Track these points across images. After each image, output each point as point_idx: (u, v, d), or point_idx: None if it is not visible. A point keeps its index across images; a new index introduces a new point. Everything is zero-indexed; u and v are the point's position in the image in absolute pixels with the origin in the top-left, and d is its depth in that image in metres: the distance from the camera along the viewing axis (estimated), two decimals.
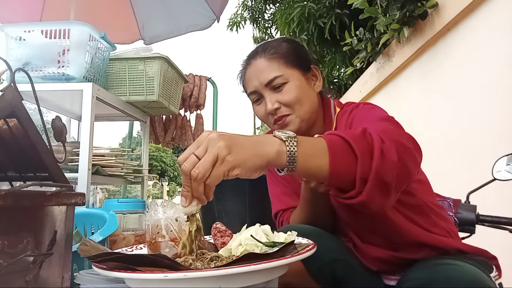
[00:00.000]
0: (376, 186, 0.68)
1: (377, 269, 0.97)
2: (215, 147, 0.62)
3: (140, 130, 2.92)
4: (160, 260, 0.58)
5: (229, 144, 0.63)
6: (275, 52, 1.03)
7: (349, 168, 0.68)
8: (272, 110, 1.00)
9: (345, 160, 0.69)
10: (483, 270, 0.81)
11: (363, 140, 0.70)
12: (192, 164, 0.62)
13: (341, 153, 0.69)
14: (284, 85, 1.00)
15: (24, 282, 0.59)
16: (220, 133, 0.64)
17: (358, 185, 0.68)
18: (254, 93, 1.04)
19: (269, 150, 0.66)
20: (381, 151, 0.68)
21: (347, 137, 0.70)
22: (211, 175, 0.62)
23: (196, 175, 0.61)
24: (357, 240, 0.98)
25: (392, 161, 0.69)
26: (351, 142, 0.69)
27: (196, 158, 0.62)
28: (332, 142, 0.70)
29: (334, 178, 0.69)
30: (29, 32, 1.92)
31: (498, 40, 1.68)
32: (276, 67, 1.01)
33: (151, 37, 3.51)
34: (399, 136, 0.76)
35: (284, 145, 0.67)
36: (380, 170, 0.68)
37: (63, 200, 0.66)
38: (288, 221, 1.06)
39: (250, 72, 1.05)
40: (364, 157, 0.68)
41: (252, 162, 0.64)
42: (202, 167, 0.61)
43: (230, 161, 0.62)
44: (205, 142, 0.63)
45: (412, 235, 0.91)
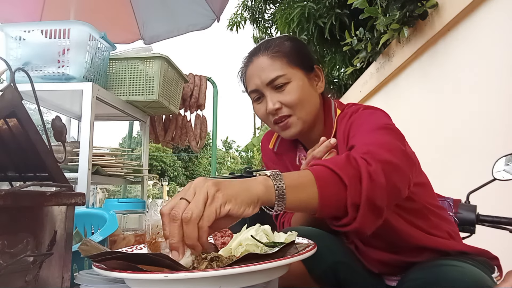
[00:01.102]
0: (368, 211, 0.67)
1: (379, 271, 0.97)
2: (203, 187, 0.60)
3: (140, 130, 2.92)
4: (161, 260, 0.58)
5: (216, 183, 0.61)
6: (278, 50, 1.01)
7: (339, 197, 0.67)
8: (273, 110, 0.99)
9: (334, 188, 0.67)
10: (485, 271, 0.81)
11: (349, 166, 0.69)
12: (183, 208, 0.58)
13: (329, 182, 0.67)
14: (286, 85, 0.99)
15: (24, 282, 0.59)
16: (205, 178, 0.62)
17: (351, 212, 0.67)
18: (255, 91, 1.03)
19: (257, 186, 0.64)
20: (369, 175, 0.68)
21: (332, 166, 0.68)
22: (204, 215, 0.58)
23: (190, 216, 0.57)
24: (359, 243, 0.98)
25: (381, 184, 0.68)
26: (337, 170, 0.68)
27: (185, 201, 0.59)
28: (318, 172, 0.68)
29: (324, 208, 0.68)
30: (29, 32, 1.92)
31: (498, 40, 1.68)
32: (279, 66, 0.99)
33: (151, 37, 3.51)
34: (390, 152, 0.74)
35: (270, 179, 0.65)
36: (371, 195, 0.67)
37: (63, 200, 0.66)
38: (289, 223, 1.05)
39: (251, 69, 1.03)
40: (353, 184, 0.67)
41: (242, 196, 0.62)
42: (195, 206, 0.58)
43: (220, 197, 0.59)
44: (191, 187, 0.61)
45: (413, 239, 0.90)
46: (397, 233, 0.90)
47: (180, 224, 0.58)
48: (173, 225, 0.58)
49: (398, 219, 0.90)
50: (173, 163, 31.44)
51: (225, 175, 2.25)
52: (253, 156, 19.04)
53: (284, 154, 1.13)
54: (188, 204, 0.59)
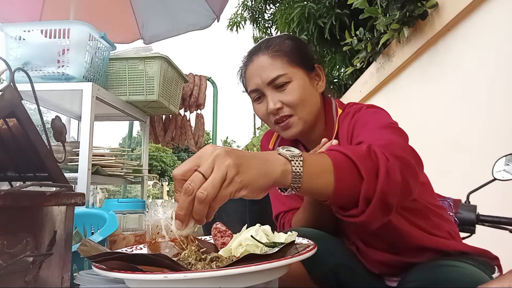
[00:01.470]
0: (379, 207, 0.67)
1: (380, 272, 0.97)
2: (223, 166, 0.56)
3: (140, 130, 2.92)
4: (161, 260, 0.58)
5: (237, 163, 0.58)
6: (278, 49, 1.00)
7: (354, 188, 0.67)
8: (274, 110, 0.98)
9: (350, 179, 0.66)
10: (485, 271, 0.81)
11: (369, 159, 0.68)
12: (199, 183, 0.56)
13: (346, 173, 0.66)
14: (287, 85, 0.98)
15: (24, 282, 0.59)
16: (226, 150, 0.59)
17: (361, 205, 0.67)
18: (255, 91, 1.02)
19: (274, 170, 0.62)
20: (386, 171, 0.67)
21: (352, 156, 0.67)
22: (218, 196, 0.56)
23: (205, 196, 0.55)
24: (360, 243, 0.98)
25: (397, 182, 0.67)
26: (357, 161, 0.67)
27: (202, 176, 0.56)
28: (337, 160, 0.67)
29: (337, 197, 0.67)
30: (28, 31, 1.92)
31: (498, 40, 1.68)
32: (280, 66, 0.98)
33: (151, 36, 3.51)
34: (403, 150, 0.74)
35: (290, 164, 0.63)
36: (385, 191, 0.66)
37: (62, 200, 0.66)
38: (290, 223, 1.05)
39: (251, 69, 1.02)
40: (370, 178, 0.66)
41: (259, 183, 0.60)
42: (211, 187, 0.55)
43: (238, 182, 0.57)
44: (211, 159, 0.57)
45: (414, 239, 0.90)
46: (398, 232, 0.90)
47: (192, 199, 0.56)
48: (185, 199, 0.56)
49: (399, 218, 0.90)
50: (173, 163, 31.43)
51: None
52: None
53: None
54: (204, 180, 0.56)
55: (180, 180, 0.58)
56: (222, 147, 0.60)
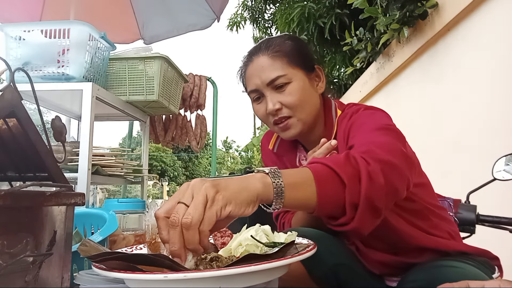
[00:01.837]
0: (366, 211, 0.67)
1: (380, 272, 0.97)
2: (201, 189, 0.57)
3: (140, 130, 2.92)
4: (160, 260, 0.58)
5: (215, 184, 0.59)
6: (278, 50, 1.00)
7: (338, 196, 0.67)
8: (273, 111, 0.98)
9: (333, 188, 0.67)
10: (485, 272, 0.81)
11: (348, 165, 0.68)
12: (182, 212, 0.56)
13: (328, 181, 0.67)
14: (287, 85, 0.98)
15: (24, 282, 0.59)
16: (200, 179, 0.60)
17: (349, 212, 0.67)
18: (255, 91, 1.02)
19: (255, 184, 0.63)
20: (368, 175, 0.67)
21: (332, 164, 0.68)
22: (204, 218, 0.56)
23: (190, 220, 0.55)
24: (360, 244, 0.97)
25: (380, 184, 0.67)
26: (336, 169, 0.67)
27: (184, 206, 0.56)
28: (317, 170, 0.67)
29: (322, 207, 0.67)
30: (29, 31, 1.92)
31: (498, 40, 1.68)
32: (279, 66, 0.98)
33: (151, 36, 3.51)
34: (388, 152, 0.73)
35: (268, 177, 0.64)
36: (369, 195, 0.66)
37: (62, 200, 0.66)
38: (290, 223, 1.05)
39: (251, 69, 1.02)
40: (352, 183, 0.66)
41: (242, 197, 0.60)
42: (194, 210, 0.55)
43: (220, 199, 0.58)
44: (189, 190, 0.58)
45: (414, 239, 0.90)
46: (397, 233, 0.90)
47: (180, 230, 0.56)
48: (173, 232, 0.56)
49: (398, 219, 0.90)
50: (173, 163, 31.44)
51: (225, 175, 2.25)
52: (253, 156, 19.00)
53: (284, 154, 1.13)
54: (187, 208, 0.56)
55: (163, 218, 0.58)
56: (197, 179, 0.60)
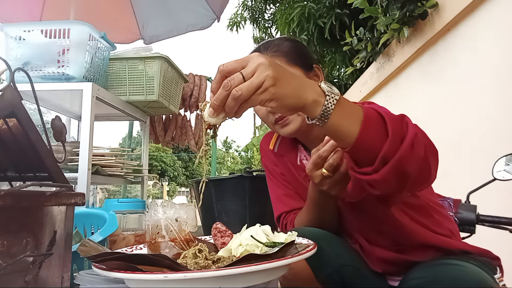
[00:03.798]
0: (394, 171, 0.66)
1: (383, 271, 0.97)
2: (263, 74, 0.61)
3: (140, 130, 2.92)
4: (160, 260, 0.58)
5: (277, 76, 0.62)
6: (277, 50, 1.02)
7: (376, 144, 0.67)
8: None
9: (376, 134, 0.67)
10: (487, 272, 0.81)
11: (400, 124, 0.69)
12: (237, 82, 0.62)
13: (374, 126, 0.67)
14: None
15: (24, 282, 0.59)
16: (271, 61, 0.64)
17: (377, 164, 0.67)
18: None
19: (307, 96, 0.65)
20: (412, 141, 0.67)
21: (385, 115, 0.69)
22: (250, 99, 0.62)
23: (238, 95, 0.61)
24: (364, 242, 0.98)
25: (419, 155, 0.68)
26: (388, 120, 0.68)
27: (242, 78, 0.62)
28: (369, 113, 0.68)
29: (358, 148, 0.67)
30: (29, 31, 1.92)
31: (498, 40, 1.68)
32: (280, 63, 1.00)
33: (151, 36, 3.50)
34: (427, 137, 0.76)
35: (324, 98, 0.66)
36: (404, 158, 0.66)
37: (62, 200, 0.66)
38: (292, 224, 1.05)
39: None
40: (395, 139, 0.66)
41: (289, 101, 0.64)
42: (246, 90, 0.61)
43: (271, 93, 0.62)
44: (254, 65, 0.62)
45: (418, 236, 0.91)
46: (401, 229, 0.91)
47: (228, 94, 0.63)
48: (222, 92, 0.63)
49: (402, 215, 0.91)
50: (173, 163, 31.43)
51: (225, 175, 2.25)
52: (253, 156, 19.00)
53: (285, 154, 1.13)
54: (243, 81, 0.62)
55: (223, 75, 0.65)
56: (269, 58, 0.65)
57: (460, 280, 0.73)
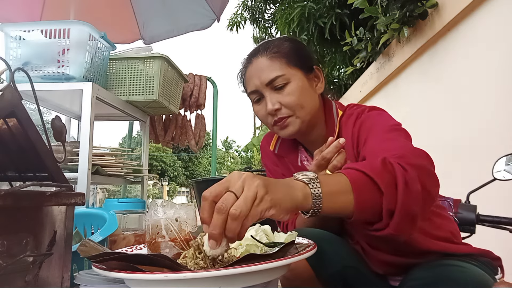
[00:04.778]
0: (403, 218, 0.68)
1: (384, 272, 0.97)
2: (253, 186, 0.59)
3: (140, 130, 2.92)
4: (160, 260, 0.58)
5: (266, 184, 0.61)
6: (277, 51, 1.01)
7: (375, 203, 0.68)
8: (273, 111, 0.99)
9: (370, 196, 0.68)
10: (488, 272, 0.81)
11: (385, 172, 0.69)
12: (231, 202, 0.58)
13: (365, 189, 0.68)
14: (286, 86, 0.99)
15: (24, 282, 0.59)
16: (252, 174, 0.62)
17: (385, 218, 0.68)
18: (255, 92, 1.03)
19: (297, 194, 0.65)
20: (405, 182, 0.68)
21: (369, 172, 0.69)
22: (250, 214, 0.58)
23: (238, 213, 0.57)
24: (365, 245, 0.98)
25: (417, 191, 0.68)
26: (374, 176, 0.68)
27: (234, 196, 0.59)
28: (354, 178, 0.69)
29: (360, 214, 0.69)
30: (29, 31, 1.92)
31: (498, 40, 1.68)
32: (278, 67, 0.99)
33: (151, 36, 3.51)
34: (417, 157, 0.75)
35: (308, 187, 0.66)
36: (406, 202, 0.67)
37: (62, 200, 0.66)
38: (294, 225, 1.04)
39: (251, 70, 1.03)
40: (389, 190, 0.68)
41: (286, 205, 0.63)
42: (244, 205, 0.58)
43: (268, 200, 0.60)
44: (240, 181, 0.60)
45: (418, 244, 0.90)
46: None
47: (225, 218, 0.58)
48: (218, 217, 0.58)
49: None
50: (173, 163, 31.43)
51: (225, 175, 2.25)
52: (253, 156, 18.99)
53: (285, 155, 1.13)
54: (236, 199, 0.59)
55: (211, 201, 0.60)
56: (247, 172, 0.63)
57: (460, 281, 0.73)
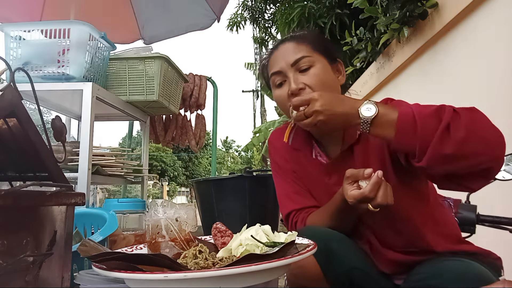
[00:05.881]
0: (434, 157, 0.77)
1: (391, 272, 0.97)
2: (313, 107, 0.86)
3: (140, 130, 2.92)
4: (161, 260, 0.58)
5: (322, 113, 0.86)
6: (304, 37, 1.05)
7: (412, 141, 0.79)
8: (296, 90, 0.97)
9: (408, 134, 0.79)
10: (492, 273, 0.82)
11: (432, 117, 0.78)
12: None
13: (405, 128, 0.79)
14: (310, 68, 1.00)
15: (24, 282, 0.59)
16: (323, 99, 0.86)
17: (418, 155, 0.79)
18: (278, 73, 1.02)
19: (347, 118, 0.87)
20: (445, 128, 0.76)
21: (417, 114, 0.79)
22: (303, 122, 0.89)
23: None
24: (376, 242, 0.98)
25: (458, 137, 0.75)
26: (418, 120, 0.78)
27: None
28: (401, 117, 0.81)
29: (399, 147, 0.83)
30: (29, 31, 1.92)
31: (498, 40, 1.68)
32: (304, 49, 1.02)
33: (151, 36, 3.50)
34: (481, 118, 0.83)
35: (358, 115, 0.86)
36: (438, 145, 0.76)
37: (63, 200, 0.66)
38: (304, 222, 1.02)
39: (276, 54, 1.05)
40: (424, 134, 0.77)
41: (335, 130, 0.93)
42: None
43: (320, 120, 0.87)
44: (313, 100, 0.86)
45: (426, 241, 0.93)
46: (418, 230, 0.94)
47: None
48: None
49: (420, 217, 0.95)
50: (173, 163, 31.42)
51: (225, 175, 2.25)
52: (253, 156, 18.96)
53: (300, 148, 1.10)
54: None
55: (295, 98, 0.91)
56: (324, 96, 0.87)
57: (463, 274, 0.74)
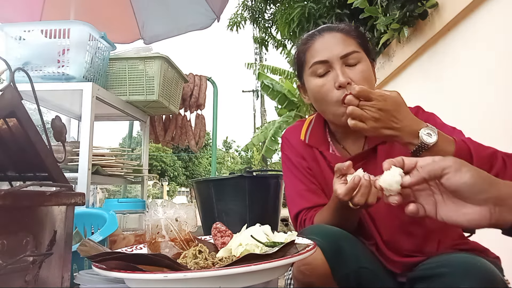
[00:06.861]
0: None
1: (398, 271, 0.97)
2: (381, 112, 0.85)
3: (140, 130, 2.92)
4: (161, 260, 0.59)
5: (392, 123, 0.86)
6: (352, 31, 1.03)
7: None
8: (345, 83, 0.95)
9: None
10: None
11: (487, 164, 0.82)
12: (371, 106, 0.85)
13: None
14: (357, 64, 0.99)
15: (24, 282, 0.59)
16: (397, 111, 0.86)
17: None
18: (323, 63, 1.00)
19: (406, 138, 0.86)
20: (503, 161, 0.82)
21: (475, 155, 0.83)
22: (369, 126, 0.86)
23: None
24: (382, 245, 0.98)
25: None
26: (475, 161, 0.81)
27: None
28: (459, 153, 0.82)
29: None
30: (29, 31, 1.92)
31: (498, 40, 1.68)
32: (354, 44, 1.01)
33: (151, 36, 3.50)
34: None
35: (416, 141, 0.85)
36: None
37: (62, 200, 0.66)
38: (312, 221, 1.01)
39: (322, 41, 1.03)
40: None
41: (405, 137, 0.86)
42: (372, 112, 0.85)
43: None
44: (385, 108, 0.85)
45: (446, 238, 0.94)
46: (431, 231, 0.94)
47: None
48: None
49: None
50: (173, 163, 31.43)
51: (225, 175, 2.25)
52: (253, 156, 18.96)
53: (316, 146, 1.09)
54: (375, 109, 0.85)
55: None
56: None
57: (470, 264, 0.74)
